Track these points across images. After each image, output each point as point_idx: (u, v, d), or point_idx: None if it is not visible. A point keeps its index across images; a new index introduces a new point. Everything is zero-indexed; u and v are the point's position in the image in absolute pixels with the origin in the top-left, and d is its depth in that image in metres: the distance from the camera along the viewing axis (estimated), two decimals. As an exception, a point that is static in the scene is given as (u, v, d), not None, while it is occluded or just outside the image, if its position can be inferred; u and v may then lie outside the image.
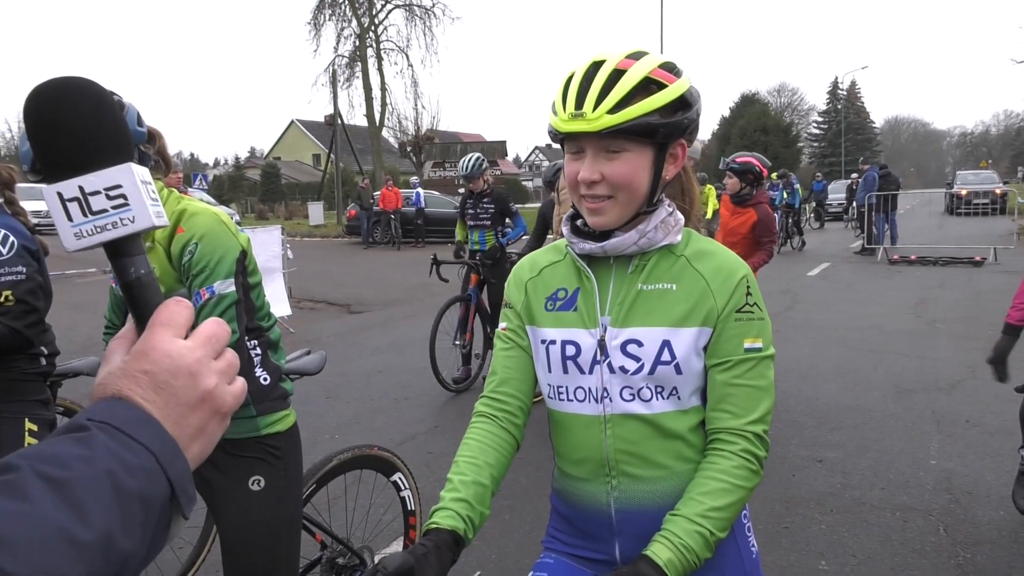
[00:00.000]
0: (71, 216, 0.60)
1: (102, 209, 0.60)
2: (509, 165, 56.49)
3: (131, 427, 0.56)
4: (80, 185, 0.60)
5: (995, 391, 5.55)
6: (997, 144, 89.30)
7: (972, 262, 13.51)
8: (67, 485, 0.50)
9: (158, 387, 0.59)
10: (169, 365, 0.60)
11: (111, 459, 0.53)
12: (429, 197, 22.69)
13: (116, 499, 0.52)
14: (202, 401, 0.61)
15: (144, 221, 0.61)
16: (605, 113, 1.23)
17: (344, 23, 37.16)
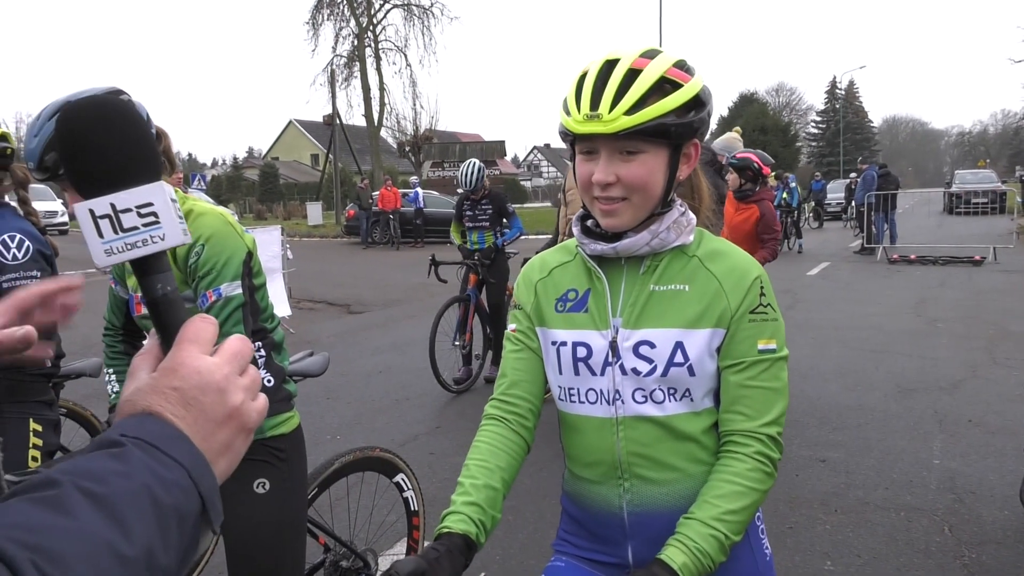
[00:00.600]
0: (102, 233, 0.61)
1: (133, 226, 0.61)
2: (508, 165, 56.48)
3: (164, 443, 0.56)
4: (112, 203, 0.60)
5: (996, 391, 5.57)
6: (995, 144, 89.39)
7: (972, 261, 13.52)
8: (108, 501, 0.50)
9: (187, 403, 0.59)
10: (198, 381, 0.60)
11: (148, 474, 0.53)
12: (428, 197, 22.67)
13: (155, 514, 0.52)
14: (229, 417, 0.61)
15: (174, 239, 0.63)
16: (622, 114, 1.21)
17: (342, 23, 37.16)
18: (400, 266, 16.12)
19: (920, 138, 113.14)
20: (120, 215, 0.61)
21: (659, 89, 1.23)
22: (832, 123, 70.27)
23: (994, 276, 11.79)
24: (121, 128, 0.60)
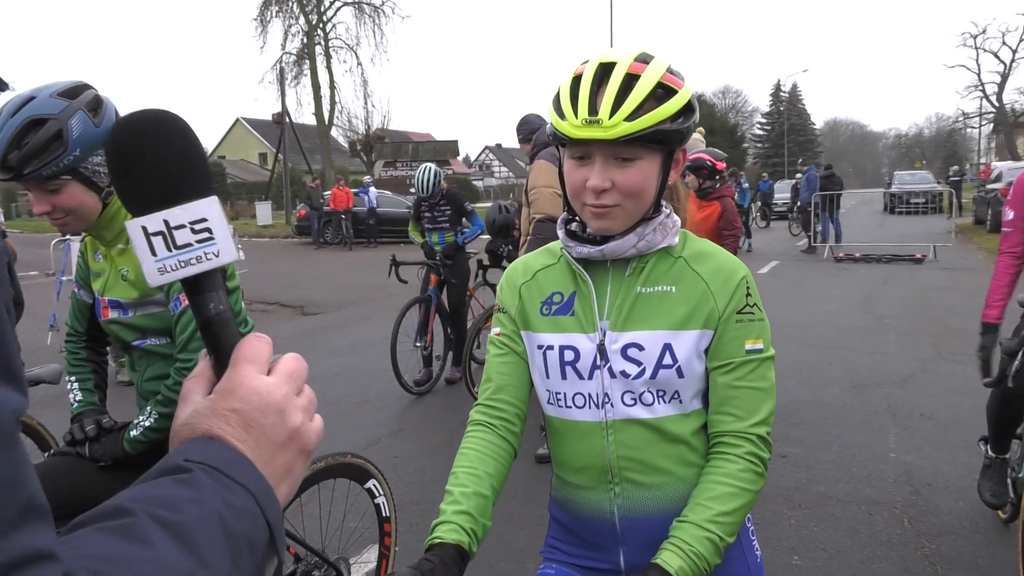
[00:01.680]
0: (155, 250, 0.59)
1: (187, 243, 0.59)
2: (460, 165, 56.34)
3: (230, 468, 0.54)
4: (165, 219, 0.58)
5: (945, 385, 5.75)
6: (930, 146, 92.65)
7: (913, 259, 13.98)
8: (183, 529, 0.48)
9: (248, 425, 0.57)
10: (258, 403, 0.57)
11: (218, 501, 0.51)
12: (381, 197, 22.43)
13: (228, 543, 0.50)
14: (290, 439, 0.59)
15: (228, 255, 0.60)
16: (622, 120, 1.19)
17: (291, 20, 36.56)
18: (353, 267, 15.91)
19: (859, 140, 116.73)
20: (174, 232, 0.59)
21: (655, 95, 1.22)
22: (777, 125, 72.03)
23: (935, 274, 12.21)
24: (175, 142, 0.58)
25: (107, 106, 1.64)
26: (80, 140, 1.56)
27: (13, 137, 1.54)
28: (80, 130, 1.55)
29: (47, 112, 1.53)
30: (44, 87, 1.57)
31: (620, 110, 1.19)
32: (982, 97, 49.61)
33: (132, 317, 1.77)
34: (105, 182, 1.66)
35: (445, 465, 4.47)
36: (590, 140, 1.21)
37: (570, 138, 1.24)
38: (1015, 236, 3.01)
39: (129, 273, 1.75)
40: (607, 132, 1.19)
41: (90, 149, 1.59)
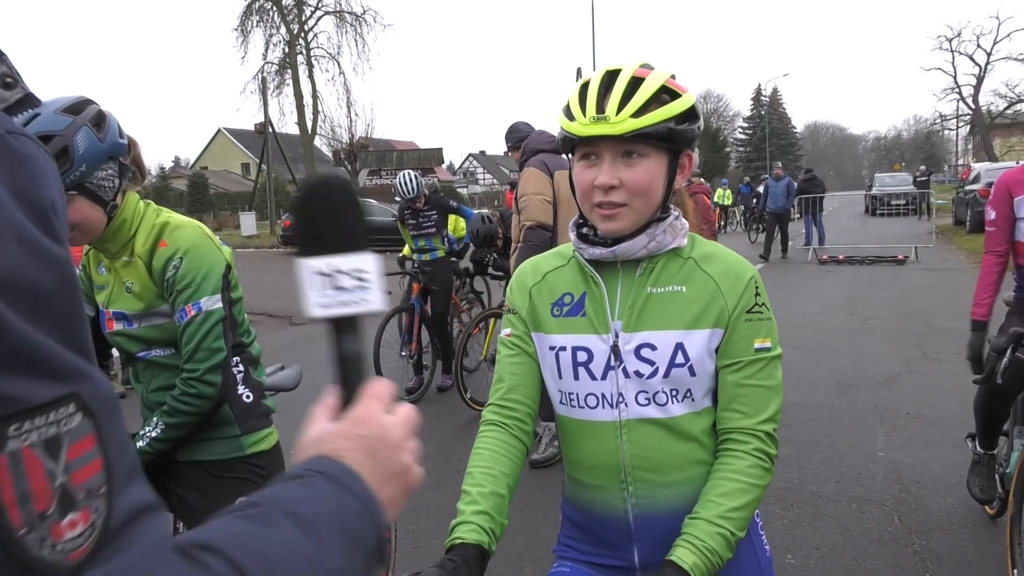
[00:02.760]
0: (319, 288, 0.68)
1: (346, 287, 0.68)
2: (444, 172, 56.35)
3: (347, 480, 0.60)
4: (333, 264, 0.68)
5: (931, 384, 5.83)
6: (909, 148, 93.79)
7: (896, 261, 14.15)
8: (306, 519, 0.54)
9: (369, 453, 0.63)
10: (380, 435, 0.65)
11: (335, 502, 0.57)
12: (367, 206, 22.41)
13: (342, 536, 0.56)
14: (399, 475, 0.66)
15: (377, 304, 0.70)
16: (629, 116, 1.24)
17: (272, 29, 36.48)
18: (340, 276, 15.85)
19: (840, 143, 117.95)
20: (339, 276, 0.69)
21: (659, 98, 1.27)
22: (758, 129, 72.68)
23: (918, 274, 12.37)
24: (354, 203, 0.69)
25: (110, 121, 1.65)
26: (86, 155, 1.58)
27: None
28: (85, 146, 1.57)
29: (53, 129, 1.55)
30: (48, 103, 1.58)
31: (626, 107, 1.24)
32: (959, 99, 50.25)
33: (137, 328, 1.78)
34: (110, 196, 1.68)
35: (439, 472, 4.50)
36: (598, 137, 1.26)
37: (579, 137, 1.28)
38: (998, 235, 3.08)
39: (134, 285, 1.76)
40: (614, 127, 1.24)
41: (95, 164, 1.61)
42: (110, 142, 1.63)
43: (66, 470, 0.40)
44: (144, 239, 1.74)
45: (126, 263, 1.77)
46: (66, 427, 0.40)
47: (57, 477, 0.40)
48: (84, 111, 1.60)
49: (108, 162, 1.64)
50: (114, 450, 0.44)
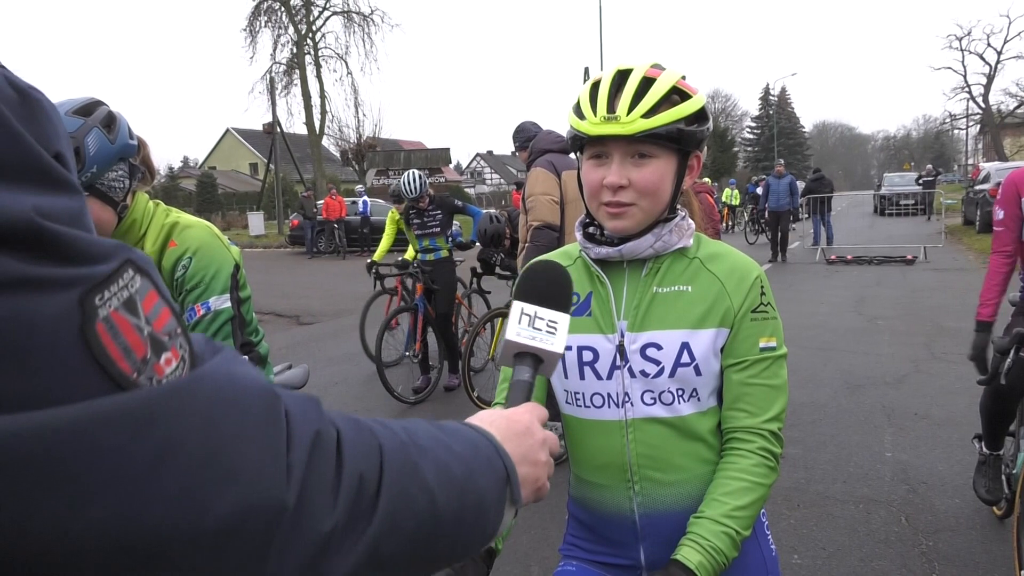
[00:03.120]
0: (520, 322, 0.94)
1: (539, 329, 0.94)
2: (452, 172, 56.38)
3: (481, 431, 0.75)
4: (538, 312, 0.95)
5: (938, 385, 5.81)
6: (918, 147, 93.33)
7: (904, 261, 14.09)
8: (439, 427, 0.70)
9: (510, 434, 0.78)
10: (524, 430, 0.80)
11: (469, 430, 0.73)
12: (374, 205, 22.47)
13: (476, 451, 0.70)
14: (534, 464, 0.79)
15: (558, 349, 0.94)
16: (640, 117, 1.24)
17: (281, 30, 36.60)
18: (347, 275, 15.90)
19: (848, 142, 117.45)
20: (536, 319, 0.94)
21: (669, 98, 1.27)
22: (766, 128, 72.45)
23: (926, 275, 12.31)
24: (568, 282, 1.01)
25: (120, 122, 1.67)
26: (97, 157, 1.59)
27: None
28: (97, 147, 1.59)
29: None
30: (59, 105, 1.60)
31: (637, 108, 1.24)
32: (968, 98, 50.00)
33: None
34: (120, 197, 1.70)
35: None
36: (608, 136, 1.26)
37: (589, 136, 1.28)
38: (1006, 235, 3.07)
39: None
40: (625, 128, 1.24)
41: (106, 165, 1.63)
42: (120, 143, 1.64)
43: (147, 321, 0.48)
44: (154, 239, 1.76)
45: None
46: (134, 287, 0.48)
47: (144, 328, 0.48)
48: (95, 113, 1.61)
49: (119, 163, 1.66)
50: (171, 300, 0.52)
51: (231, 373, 0.51)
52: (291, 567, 0.51)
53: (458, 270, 6.56)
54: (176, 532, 0.45)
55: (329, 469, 0.54)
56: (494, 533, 0.71)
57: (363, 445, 0.58)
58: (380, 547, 0.57)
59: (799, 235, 18.43)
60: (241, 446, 0.49)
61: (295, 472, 0.51)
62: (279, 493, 0.50)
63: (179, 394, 0.47)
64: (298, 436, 0.53)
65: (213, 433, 0.48)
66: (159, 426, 0.45)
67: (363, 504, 0.56)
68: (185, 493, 0.45)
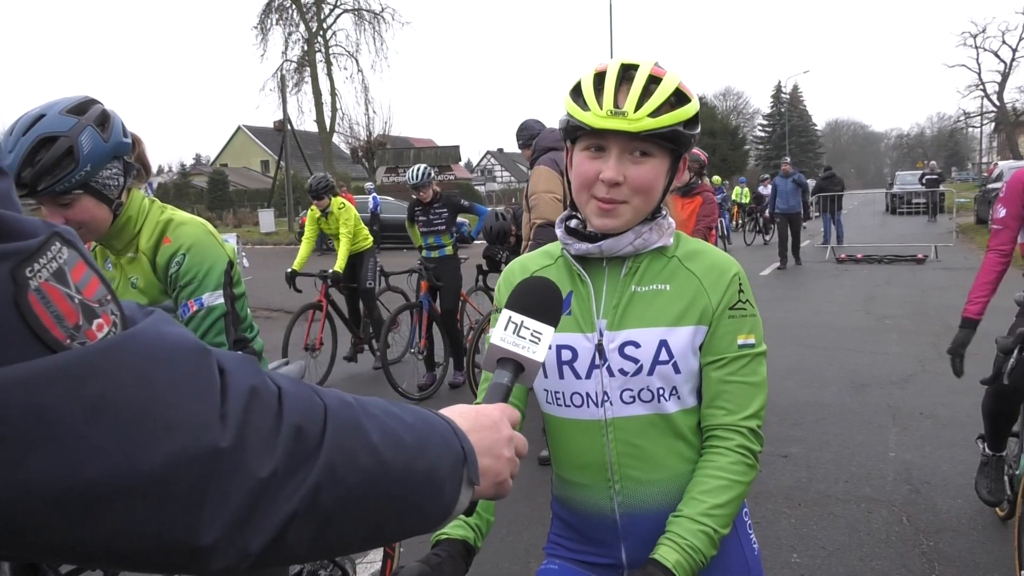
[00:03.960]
0: (506, 328, 0.98)
1: (523, 337, 0.98)
2: (461, 170, 56.42)
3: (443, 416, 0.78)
4: (524, 321, 0.98)
5: (945, 384, 5.77)
6: (931, 145, 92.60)
7: (915, 260, 14.00)
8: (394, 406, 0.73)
9: (476, 428, 0.80)
10: (491, 424, 0.82)
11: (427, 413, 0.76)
12: (383, 202, 22.53)
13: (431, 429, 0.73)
14: (497, 457, 0.81)
15: (539, 358, 0.97)
16: (647, 115, 1.24)
17: (292, 28, 36.76)
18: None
19: (861, 140, 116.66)
20: (522, 328, 0.98)
21: (670, 100, 1.28)
22: (778, 126, 72.05)
23: (937, 274, 12.23)
24: (558, 299, 1.03)
25: (114, 120, 1.69)
26: (90, 156, 1.61)
27: (26, 155, 1.57)
28: (90, 146, 1.60)
29: (57, 130, 1.58)
30: (53, 104, 1.61)
31: (645, 106, 1.24)
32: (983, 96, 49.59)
33: None
34: (115, 194, 1.71)
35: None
36: (613, 132, 1.25)
37: (592, 128, 1.26)
38: (1005, 234, 3.05)
39: (139, 281, 1.80)
40: (631, 124, 1.24)
41: (100, 164, 1.64)
42: (114, 141, 1.66)
43: (77, 290, 0.51)
44: (148, 236, 1.78)
45: (131, 259, 1.81)
46: (62, 259, 0.50)
47: (74, 296, 0.50)
48: (88, 111, 1.62)
49: (113, 161, 1.68)
50: (99, 269, 0.54)
51: (160, 332, 0.54)
52: (230, 509, 0.53)
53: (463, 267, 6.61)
54: (114, 482, 0.48)
55: (267, 419, 0.56)
56: (450, 509, 0.73)
57: (304, 401, 0.61)
58: (320, 497, 0.59)
59: (809, 233, 18.32)
60: (173, 398, 0.51)
61: (230, 420, 0.53)
62: (213, 438, 0.52)
63: (110, 352, 0.50)
64: (234, 388, 0.55)
65: (145, 387, 0.50)
66: (92, 383, 0.48)
67: (303, 453, 0.58)
68: (120, 445, 0.48)
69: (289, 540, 0.57)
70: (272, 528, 0.55)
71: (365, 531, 0.65)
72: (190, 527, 0.51)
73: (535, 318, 0.98)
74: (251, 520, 0.54)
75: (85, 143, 1.59)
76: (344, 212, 6.87)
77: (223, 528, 0.52)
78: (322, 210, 6.88)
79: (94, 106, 1.64)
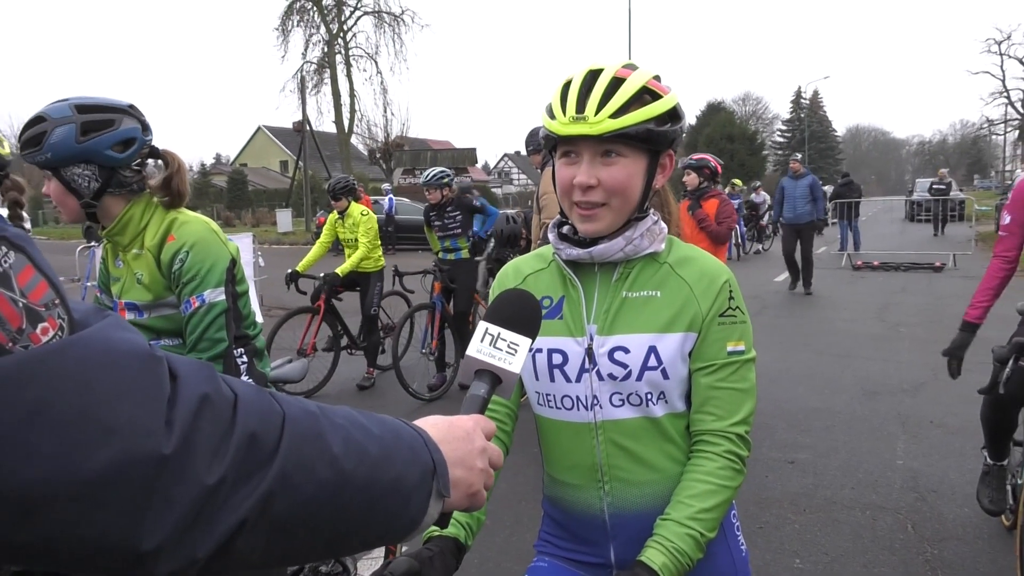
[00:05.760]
0: (483, 340, 0.97)
1: (500, 349, 0.97)
2: (479, 172, 56.55)
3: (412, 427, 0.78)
4: (500, 332, 0.98)
5: (956, 393, 5.71)
6: (954, 153, 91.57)
7: (933, 268, 13.87)
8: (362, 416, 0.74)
9: (448, 439, 0.80)
10: (464, 435, 0.82)
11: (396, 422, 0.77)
12: (400, 204, 22.63)
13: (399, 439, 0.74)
14: (469, 469, 0.81)
15: (516, 369, 0.96)
16: (607, 117, 1.26)
17: (312, 29, 36.99)
18: (372, 273, 16.01)
19: (882, 147, 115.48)
20: (498, 340, 0.97)
21: (640, 98, 1.29)
22: (797, 132, 71.54)
23: (954, 282, 12.12)
24: (537, 311, 1.03)
25: (109, 136, 1.77)
26: (54, 146, 1.72)
27: (27, 123, 1.76)
28: (58, 139, 1.71)
29: (49, 114, 1.72)
30: (93, 98, 1.78)
31: (605, 108, 1.26)
32: (1007, 104, 49.02)
33: (147, 319, 1.88)
34: (86, 194, 1.81)
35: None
36: (576, 136, 1.28)
37: (559, 136, 1.30)
38: (1010, 240, 3.04)
39: (144, 277, 1.86)
40: (592, 128, 1.26)
41: (63, 158, 1.75)
42: (87, 147, 1.75)
43: (22, 294, 0.51)
44: (154, 233, 1.84)
45: (136, 255, 1.87)
46: (8, 263, 0.51)
47: (18, 300, 0.51)
48: (90, 114, 1.74)
49: (84, 164, 1.78)
50: (50, 272, 0.55)
51: (107, 337, 0.54)
52: (175, 515, 0.53)
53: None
54: (52, 486, 0.48)
55: (217, 427, 0.56)
56: (418, 520, 0.73)
57: (260, 410, 0.61)
58: (273, 505, 0.59)
59: (825, 240, 18.18)
60: (116, 403, 0.51)
61: (176, 427, 0.54)
62: (157, 444, 0.52)
63: (51, 357, 0.50)
64: (184, 396, 0.55)
65: (86, 392, 0.50)
66: (30, 387, 0.48)
67: (255, 461, 0.58)
68: (59, 449, 0.48)
69: (239, 547, 0.57)
70: (219, 535, 0.55)
71: (325, 540, 0.65)
72: (130, 531, 0.51)
73: (512, 329, 0.98)
74: (196, 526, 0.54)
75: (56, 134, 1.71)
76: (367, 221, 6.67)
77: (166, 533, 0.52)
78: (340, 212, 6.75)
79: (102, 114, 1.73)
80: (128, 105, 1.82)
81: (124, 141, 1.77)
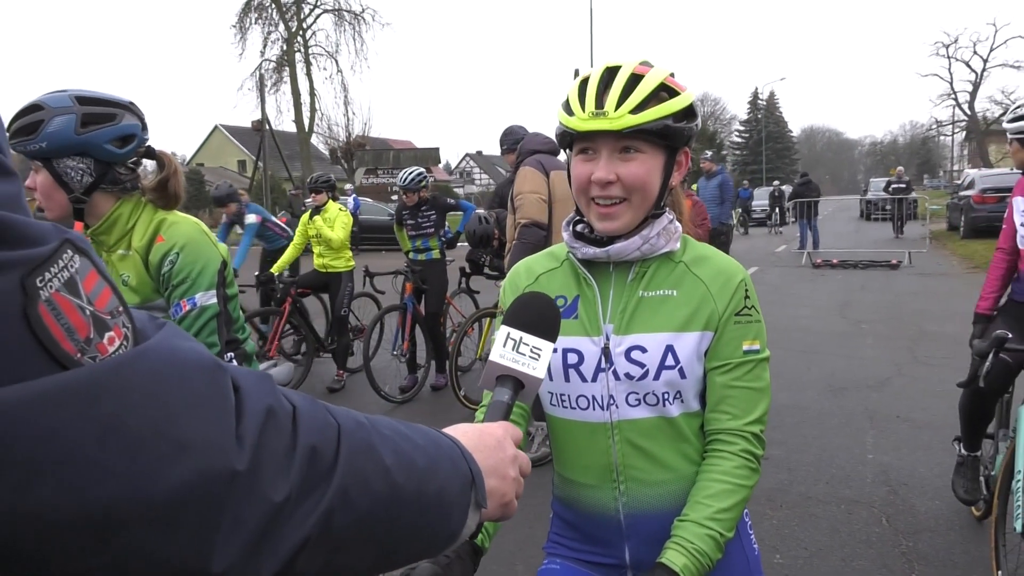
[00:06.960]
0: (505, 345, 0.97)
1: (523, 354, 0.96)
2: (441, 172, 56.35)
3: (449, 437, 0.76)
4: (523, 338, 0.97)
5: (920, 388, 5.88)
6: (904, 153, 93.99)
7: (889, 265, 14.22)
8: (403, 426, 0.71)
9: (481, 447, 0.79)
10: (495, 444, 0.81)
11: (435, 433, 0.75)
12: (362, 204, 22.44)
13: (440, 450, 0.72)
14: (503, 478, 0.80)
15: (540, 374, 0.96)
16: (627, 112, 1.25)
17: (271, 27, 36.51)
18: (336, 274, 15.85)
19: (836, 147, 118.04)
20: (521, 344, 0.97)
21: (657, 95, 1.29)
22: (755, 133, 72.84)
23: (910, 279, 12.44)
24: (557, 315, 1.03)
25: (108, 130, 1.71)
26: (51, 136, 1.65)
27: (20, 111, 1.68)
28: (56, 128, 1.64)
29: (47, 103, 1.65)
30: (93, 92, 1.72)
31: (625, 103, 1.26)
32: (955, 105, 50.53)
33: None
34: (77, 188, 1.74)
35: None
36: (596, 132, 1.27)
37: (578, 132, 1.29)
38: (1008, 232, 3.16)
39: (131, 279, 1.80)
40: (612, 123, 1.26)
41: (58, 148, 1.67)
42: (85, 140, 1.68)
43: (89, 301, 0.48)
44: (142, 234, 1.78)
45: (122, 256, 1.80)
46: (74, 268, 0.48)
47: (86, 308, 0.48)
48: (89, 107, 1.66)
49: (78, 157, 1.70)
50: (111, 278, 0.53)
51: (173, 347, 0.52)
52: (244, 535, 0.51)
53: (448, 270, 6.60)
54: (127, 506, 0.45)
55: (282, 441, 0.54)
56: (457, 533, 0.71)
57: (319, 421, 0.59)
58: (333, 522, 0.57)
59: (785, 239, 18.52)
60: (187, 417, 0.49)
61: (246, 441, 0.51)
62: (229, 461, 0.50)
63: (121, 370, 0.47)
64: (250, 408, 0.53)
65: (158, 406, 0.48)
66: (103, 403, 0.45)
67: (317, 476, 0.56)
68: (133, 467, 0.46)
69: (300, 566, 0.55)
70: (285, 554, 0.54)
71: (373, 556, 0.63)
72: (203, 553, 0.49)
73: (534, 334, 0.97)
74: (264, 546, 0.52)
75: (54, 124, 1.65)
76: (344, 216, 6.62)
77: (236, 554, 0.50)
78: (317, 207, 6.62)
79: (108, 108, 1.69)
80: (128, 102, 1.76)
81: (124, 137, 1.71)
